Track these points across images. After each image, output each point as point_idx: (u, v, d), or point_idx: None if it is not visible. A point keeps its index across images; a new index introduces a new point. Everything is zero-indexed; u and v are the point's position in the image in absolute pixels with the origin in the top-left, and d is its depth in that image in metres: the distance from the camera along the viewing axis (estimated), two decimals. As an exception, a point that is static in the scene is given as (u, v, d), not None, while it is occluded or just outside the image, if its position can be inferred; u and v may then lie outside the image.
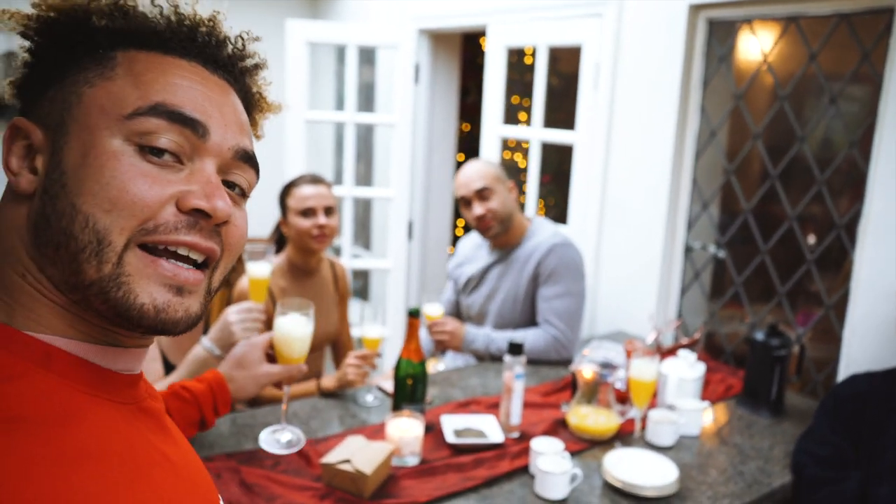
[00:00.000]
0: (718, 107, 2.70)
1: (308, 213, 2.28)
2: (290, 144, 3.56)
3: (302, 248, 2.32)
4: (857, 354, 2.16)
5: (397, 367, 1.86)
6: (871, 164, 2.13)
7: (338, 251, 3.97)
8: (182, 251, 0.64)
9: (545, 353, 2.41)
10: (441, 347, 2.48)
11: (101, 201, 0.60)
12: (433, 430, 1.86)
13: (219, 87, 0.70)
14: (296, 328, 1.53)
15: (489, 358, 2.44)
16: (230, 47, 0.73)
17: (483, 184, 2.43)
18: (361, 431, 1.84)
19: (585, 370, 1.98)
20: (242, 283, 2.18)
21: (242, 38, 0.75)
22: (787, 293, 2.52)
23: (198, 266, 0.66)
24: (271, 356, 1.59)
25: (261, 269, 1.94)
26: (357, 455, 1.56)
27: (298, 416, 1.94)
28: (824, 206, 2.39)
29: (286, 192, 2.34)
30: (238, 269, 2.30)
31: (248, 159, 0.70)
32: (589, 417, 1.90)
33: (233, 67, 0.74)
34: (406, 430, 1.70)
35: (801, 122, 2.44)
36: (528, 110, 3.31)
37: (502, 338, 2.42)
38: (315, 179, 2.34)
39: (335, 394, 2.12)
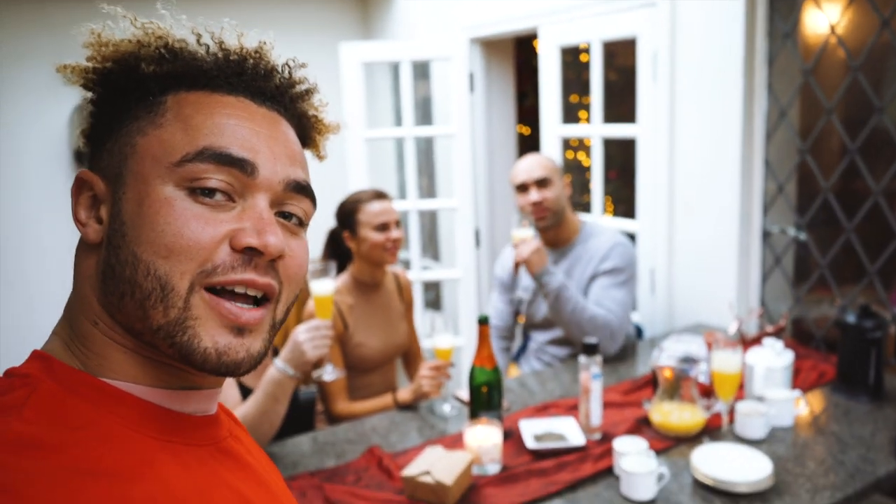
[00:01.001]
0: (787, 85, 2.58)
1: (383, 227, 2.30)
2: (351, 164, 3.61)
3: (372, 262, 2.34)
4: (960, 331, 2.02)
5: (471, 376, 1.84)
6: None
7: (407, 264, 4.00)
8: (240, 290, 0.64)
9: (598, 331, 2.31)
10: (521, 262, 2.35)
11: (159, 248, 0.61)
12: (512, 437, 1.84)
13: (267, 119, 0.70)
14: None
15: (553, 300, 2.32)
16: (277, 77, 0.73)
17: (543, 173, 2.45)
18: (440, 442, 1.84)
19: (666, 365, 1.92)
20: (311, 304, 2.22)
21: (289, 66, 0.75)
22: (878, 271, 2.38)
23: (258, 303, 0.66)
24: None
25: (324, 287, 1.95)
26: (437, 465, 1.56)
27: (377, 430, 1.95)
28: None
29: (354, 208, 2.35)
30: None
31: (301, 189, 0.70)
32: (673, 414, 1.84)
33: (282, 97, 0.73)
34: (484, 437, 1.68)
35: (878, 92, 2.31)
36: (588, 108, 3.26)
37: (574, 293, 2.33)
38: (380, 195, 2.37)
39: (412, 406, 2.12)
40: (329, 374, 2.05)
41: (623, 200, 4.69)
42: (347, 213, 2.37)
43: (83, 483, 0.54)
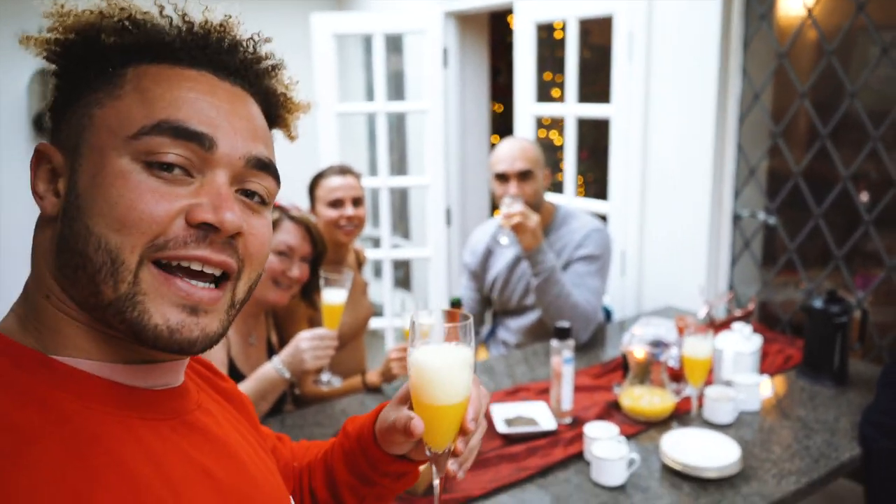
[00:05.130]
0: (761, 68, 2.58)
1: (336, 203, 2.26)
2: (322, 138, 3.55)
3: (330, 240, 2.29)
4: (924, 317, 2.06)
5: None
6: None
7: (377, 242, 3.96)
8: (195, 266, 0.63)
9: (577, 319, 2.27)
10: (520, 231, 2.22)
11: (111, 221, 0.60)
12: (483, 420, 1.83)
13: (229, 94, 0.68)
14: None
15: (542, 281, 2.24)
16: (242, 52, 0.71)
17: (526, 166, 2.34)
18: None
19: (636, 350, 1.92)
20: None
21: (254, 41, 0.72)
22: (845, 256, 2.41)
23: (217, 283, 0.65)
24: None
25: (335, 296, 1.90)
26: (407, 450, 1.54)
27: (347, 413, 1.93)
28: (880, 163, 2.27)
29: (314, 183, 2.32)
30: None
31: (264, 167, 0.68)
32: (643, 398, 1.85)
33: (246, 72, 0.72)
34: (455, 422, 1.66)
35: (851, 76, 2.32)
36: (562, 86, 3.23)
37: (562, 276, 2.27)
38: (343, 170, 2.32)
39: (380, 389, 2.10)
40: (326, 383, 2.02)
41: (594, 181, 4.70)
42: (309, 189, 2.34)
43: (26, 451, 0.53)
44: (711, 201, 2.63)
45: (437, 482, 0.80)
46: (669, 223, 2.78)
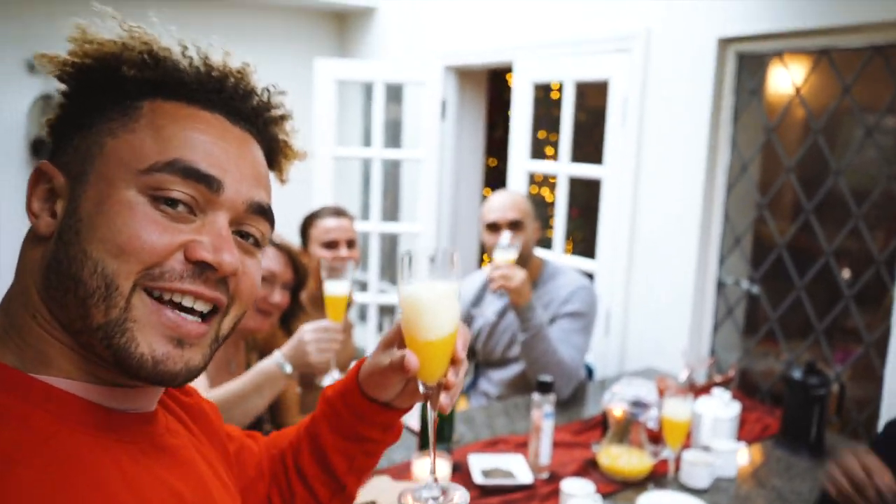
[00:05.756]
0: (750, 140, 2.66)
1: (331, 245, 2.28)
2: (317, 180, 3.59)
3: (320, 280, 2.30)
4: (900, 394, 2.08)
5: (423, 406, 1.82)
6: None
7: (364, 286, 3.96)
8: (187, 301, 0.64)
9: (561, 376, 2.26)
10: (507, 290, 2.19)
11: (111, 247, 0.61)
12: (460, 470, 1.82)
13: (238, 139, 0.70)
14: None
15: (530, 338, 2.23)
16: (256, 100, 0.74)
17: (517, 216, 2.38)
18: (387, 472, 1.80)
19: (616, 408, 1.93)
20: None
21: (269, 91, 0.75)
22: (825, 330, 2.45)
23: (204, 317, 0.66)
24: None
25: (338, 287, 1.80)
26: (382, 497, 1.53)
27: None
28: (861, 241, 2.33)
29: (309, 223, 2.34)
30: (310, 287, 2.23)
31: (263, 212, 0.71)
32: (621, 458, 1.85)
33: (256, 119, 0.74)
34: (433, 470, 1.65)
35: (836, 155, 2.40)
36: (555, 145, 3.30)
37: (550, 333, 2.27)
38: (338, 212, 2.35)
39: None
40: (331, 381, 1.88)
41: (583, 240, 4.75)
42: (302, 228, 2.36)
43: (5, 471, 0.54)
44: (697, 267, 2.68)
45: (431, 417, 0.83)
46: (655, 285, 2.82)
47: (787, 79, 2.55)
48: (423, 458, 1.69)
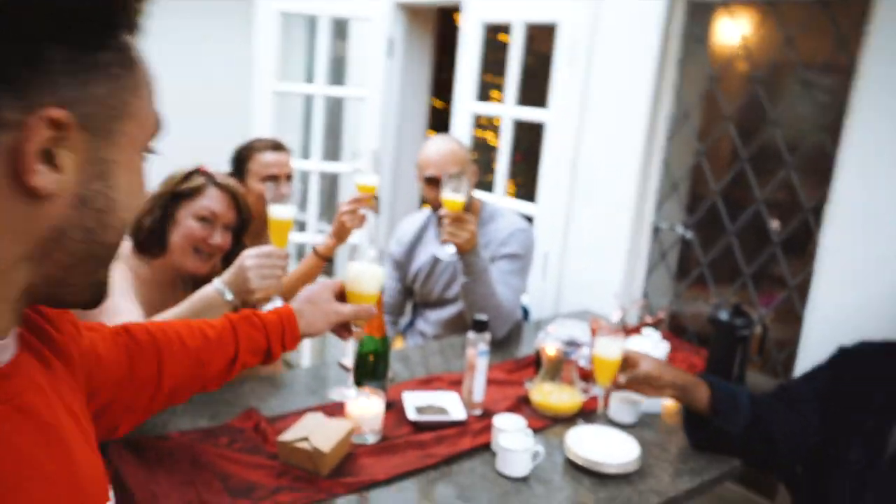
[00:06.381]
0: (693, 89, 2.68)
1: (270, 180, 2.23)
2: (257, 115, 3.49)
3: (259, 215, 2.24)
4: (817, 335, 2.18)
5: (359, 344, 1.82)
6: (841, 150, 2.13)
7: (302, 226, 3.91)
8: None
9: (498, 317, 2.28)
10: (451, 240, 2.11)
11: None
12: (394, 408, 1.83)
13: None
14: (365, 268, 1.45)
15: (472, 281, 2.21)
16: None
17: (458, 168, 2.33)
18: (321, 409, 1.81)
19: (549, 347, 1.97)
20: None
21: None
22: (752, 275, 2.54)
23: None
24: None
25: (284, 211, 1.71)
26: (315, 433, 1.53)
27: (256, 393, 1.90)
28: (793, 192, 2.40)
29: (245, 155, 2.27)
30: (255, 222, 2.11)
31: None
32: (552, 394, 1.89)
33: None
34: (366, 407, 1.67)
35: (775, 106, 2.44)
36: (500, 89, 3.27)
37: (492, 276, 2.26)
38: (277, 146, 2.29)
39: (296, 369, 2.08)
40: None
41: (523, 184, 4.77)
42: (239, 160, 2.29)
43: None
44: (634, 212, 2.72)
45: (357, 330, 1.47)
46: (593, 229, 2.86)
47: (732, 29, 2.57)
48: (357, 395, 1.70)
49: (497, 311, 2.28)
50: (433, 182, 2.37)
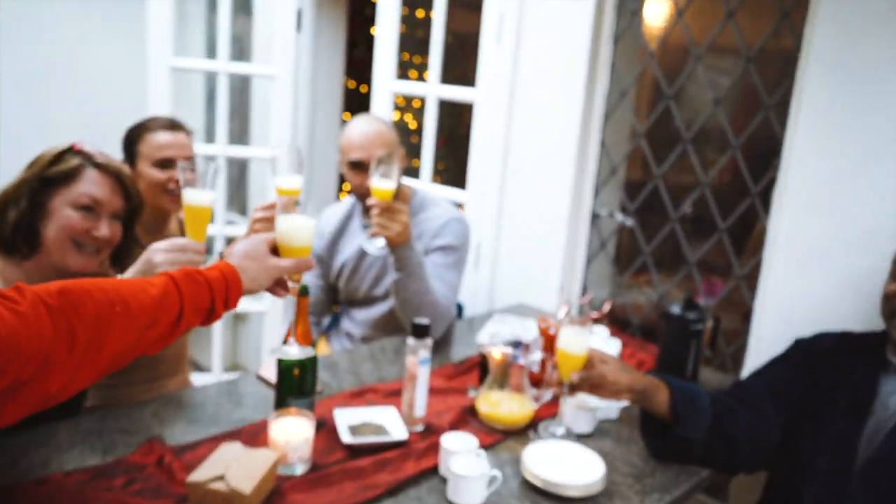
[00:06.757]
0: (629, 66, 2.53)
1: (165, 163, 1.91)
2: (152, 94, 3.11)
3: (153, 205, 1.93)
4: (768, 326, 2.08)
5: (279, 360, 1.56)
6: (788, 130, 2.03)
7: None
8: None
9: (434, 316, 2.06)
10: (381, 233, 1.89)
11: None
12: (325, 427, 1.59)
13: None
14: (297, 220, 1.34)
15: (404, 277, 2.00)
16: None
17: (386, 151, 2.07)
18: (239, 434, 1.54)
19: (495, 351, 1.76)
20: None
21: None
22: (696, 263, 2.42)
23: None
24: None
25: (201, 196, 1.44)
26: (233, 468, 1.28)
27: (159, 415, 1.61)
28: (738, 175, 2.29)
29: (136, 136, 1.94)
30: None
31: None
32: (501, 404, 1.69)
33: None
34: (293, 432, 1.42)
35: (716, 84, 2.32)
36: (419, 68, 3.04)
37: (427, 272, 2.05)
38: (173, 125, 1.97)
39: (205, 391, 1.80)
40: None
41: (445, 170, 4.57)
42: (129, 142, 1.95)
43: None
44: (572, 198, 2.56)
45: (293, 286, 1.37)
46: (528, 217, 2.68)
47: (668, 2, 2.43)
48: (280, 418, 1.45)
49: (433, 310, 2.06)
50: (359, 167, 2.12)
